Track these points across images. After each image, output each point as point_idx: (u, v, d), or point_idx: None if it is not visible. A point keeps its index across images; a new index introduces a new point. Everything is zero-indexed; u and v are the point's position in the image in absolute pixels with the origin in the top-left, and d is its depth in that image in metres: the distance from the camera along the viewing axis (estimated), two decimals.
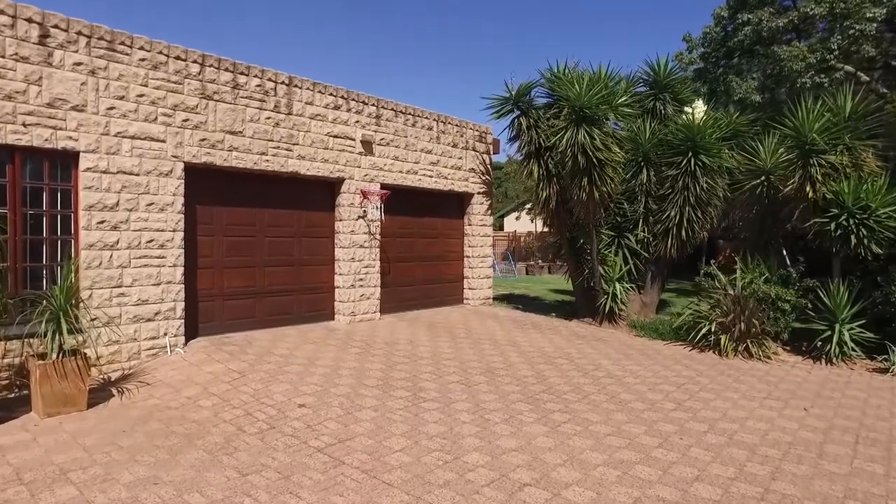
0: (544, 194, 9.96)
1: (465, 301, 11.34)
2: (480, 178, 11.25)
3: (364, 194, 8.98)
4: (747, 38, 12.56)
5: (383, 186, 9.33)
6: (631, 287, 10.07)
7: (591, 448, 4.45)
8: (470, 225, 11.23)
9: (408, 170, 9.78)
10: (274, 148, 7.88)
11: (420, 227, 10.50)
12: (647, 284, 10.52)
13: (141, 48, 6.45)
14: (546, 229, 25.46)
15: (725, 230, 14.53)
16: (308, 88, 8.30)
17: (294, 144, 8.12)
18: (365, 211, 9.01)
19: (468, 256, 11.25)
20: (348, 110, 8.83)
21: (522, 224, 27.39)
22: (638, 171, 10.01)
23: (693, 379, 6.62)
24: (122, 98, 6.29)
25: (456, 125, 10.75)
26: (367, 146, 9.12)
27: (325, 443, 4.45)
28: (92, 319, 5.87)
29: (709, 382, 6.48)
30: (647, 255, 10.14)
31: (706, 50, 14.42)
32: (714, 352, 8.00)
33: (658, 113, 10.60)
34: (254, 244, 8.05)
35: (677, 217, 9.60)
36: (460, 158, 10.81)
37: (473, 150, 11.11)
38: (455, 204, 11.19)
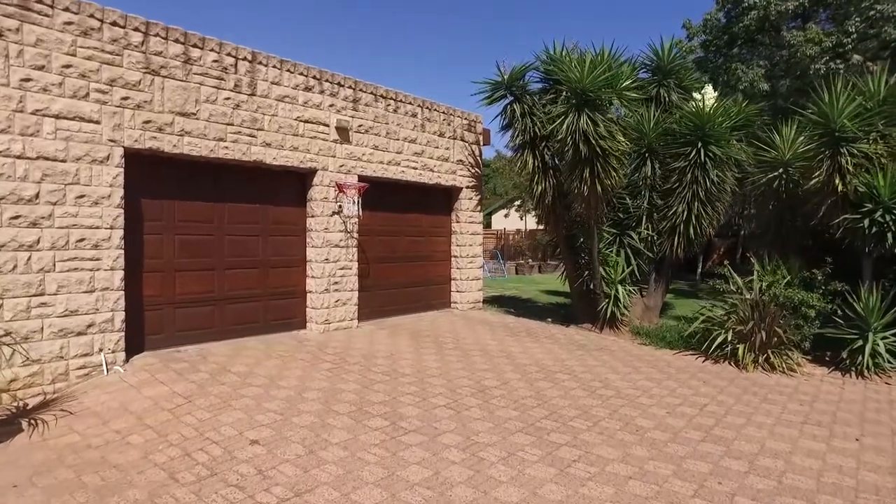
0: (539, 188, 9.07)
1: (452, 305, 10.42)
2: (469, 170, 10.33)
3: (339, 187, 8.01)
4: (753, 23, 11.80)
5: (361, 179, 8.36)
6: (633, 290, 9.23)
7: (613, 500, 3.55)
8: (458, 222, 10.30)
9: (389, 160, 8.82)
10: (234, 133, 6.87)
11: (403, 224, 9.55)
12: (650, 286, 9.69)
13: (66, 9, 5.40)
14: (540, 227, 24.58)
15: (723, 227, 13.82)
16: (275, 66, 7.29)
17: (258, 130, 7.11)
18: (340, 206, 8.03)
19: (456, 256, 10.33)
20: (321, 92, 7.84)
21: (511, 221, 26.58)
22: (641, 163, 9.17)
23: (715, 398, 5.77)
24: (41, 68, 5.25)
25: (443, 112, 9.81)
26: (343, 133, 8.14)
27: (277, 497, 3.49)
28: (2, 335, 4.85)
29: (734, 403, 5.64)
30: (650, 254, 9.31)
31: (707, 38, 13.66)
32: (731, 363, 7.18)
33: (662, 101, 9.76)
34: (212, 243, 7.04)
35: (685, 213, 8.78)
36: (447, 149, 9.87)
37: (462, 140, 10.17)
38: (442, 199, 10.26)
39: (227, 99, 6.79)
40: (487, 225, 33.57)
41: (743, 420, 5.11)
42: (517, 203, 25.35)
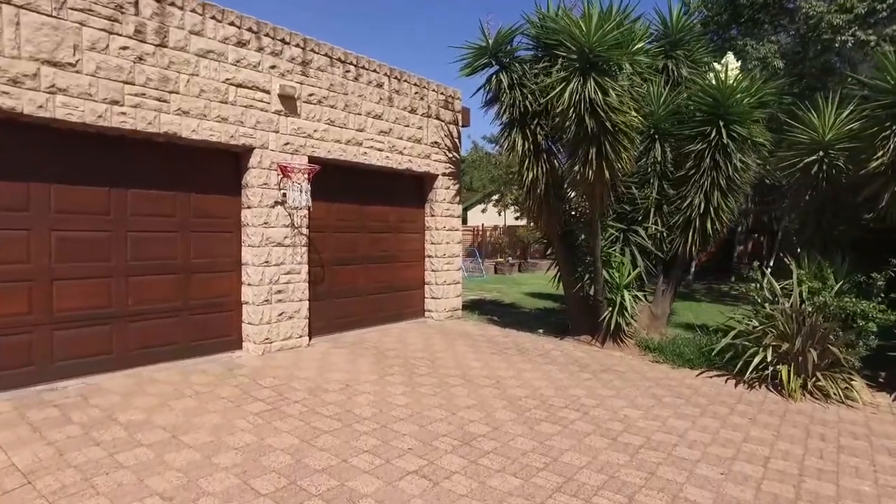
0: (531, 175, 7.56)
1: (426, 315, 8.86)
2: (446, 155, 8.77)
3: (283, 170, 6.35)
4: None
5: (312, 160, 6.72)
6: (640, 295, 7.82)
7: None
8: (433, 216, 8.74)
9: (348, 139, 7.19)
10: (136, 95, 5.16)
11: (367, 217, 7.94)
12: (657, 291, 8.30)
13: None
14: (521, 222, 23.17)
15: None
16: (195, 11, 5.59)
17: (171, 93, 5.41)
18: (285, 194, 6.38)
19: (431, 256, 8.76)
20: (259, 50, 6.17)
21: (489, 217, 25.17)
22: (649, 146, 7.75)
23: (774, 446, 4.36)
24: None
25: (414, 84, 8.21)
26: (289, 103, 6.48)
27: None
28: None
29: (802, 454, 4.23)
30: (659, 254, 7.91)
31: (708, 14, 12.42)
32: (770, 388, 5.82)
33: (671, 75, 8.37)
34: (108, 242, 5.32)
35: (702, 204, 7.40)
36: (420, 128, 8.29)
37: (437, 118, 8.60)
38: (413, 188, 8.68)
39: (125, 49, 5.07)
40: (464, 221, 32.10)
41: (831, 487, 3.69)
42: (495, 198, 23.92)
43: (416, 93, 8.19)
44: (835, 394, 5.47)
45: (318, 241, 7.17)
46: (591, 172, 6.33)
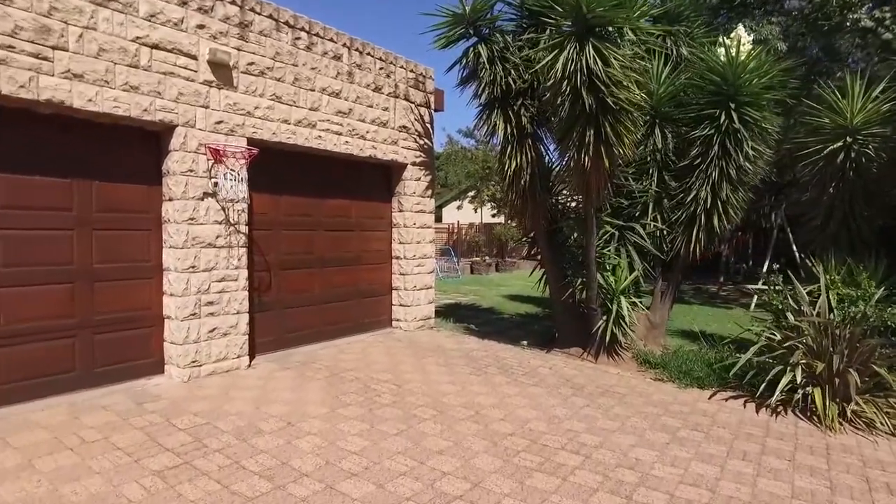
0: (514, 164, 6.53)
1: (394, 324, 7.75)
2: (416, 141, 7.67)
3: (215, 154, 5.17)
4: None
5: (253, 143, 5.56)
6: (638, 302, 6.87)
7: None
8: (401, 211, 7.63)
9: (299, 120, 6.04)
10: (3, 49, 3.93)
11: (324, 213, 6.80)
12: (655, 296, 7.36)
13: None
14: (499, 220, 22.13)
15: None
16: None
17: (56, 48, 4.19)
18: (217, 184, 5.20)
19: (399, 258, 7.66)
20: (183, 3, 4.97)
21: (464, 214, 24.16)
22: (649, 131, 6.79)
23: (833, 502, 3.41)
24: None
25: (380, 59, 7.08)
26: (223, 73, 5.30)
27: None
28: None
29: None
30: (659, 254, 6.96)
31: None
32: (799, 414, 4.91)
33: (670, 54, 7.42)
34: None
35: (709, 198, 6.48)
36: (386, 110, 7.17)
37: (406, 99, 7.49)
38: (379, 179, 7.56)
39: None
40: (438, 219, 31.00)
41: None
42: (471, 194, 22.90)
43: (381, 69, 7.07)
44: (881, 423, 4.57)
45: (264, 241, 6.00)
46: (587, 159, 5.32)
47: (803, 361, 4.93)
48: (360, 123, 6.77)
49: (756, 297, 11.19)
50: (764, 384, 5.04)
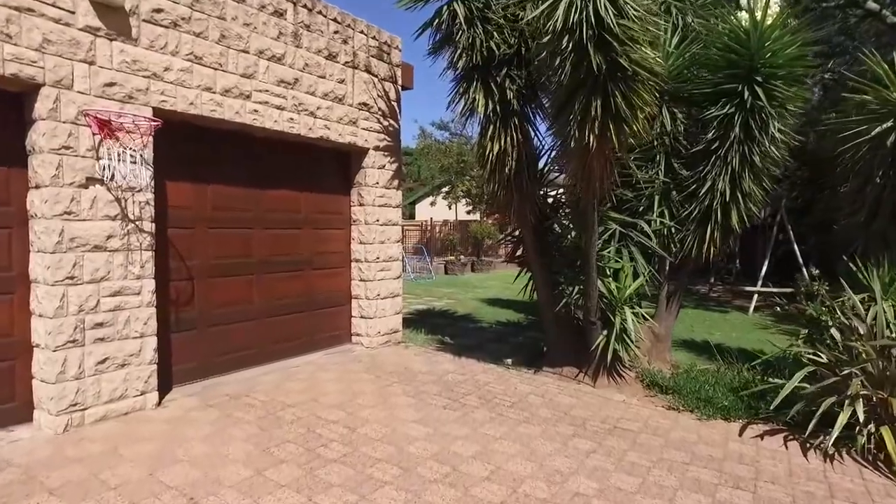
0: (496, 147, 5.40)
1: (354, 340, 6.54)
2: (380, 122, 6.46)
3: (105, 128, 3.87)
4: None
5: (162, 115, 4.26)
6: (644, 313, 5.81)
7: None
8: (362, 205, 6.41)
9: (227, 88, 4.76)
10: None
11: (265, 207, 5.54)
12: (660, 304, 6.32)
13: None
14: (484, 216, 20.92)
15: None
16: None
17: None
18: (108, 166, 3.90)
19: (360, 261, 6.44)
20: None
21: (438, 211, 23.00)
22: (655, 112, 5.71)
23: None
24: None
25: (334, 20, 5.84)
26: (116, 19, 3.99)
27: None
28: None
29: None
30: (666, 254, 5.91)
31: None
32: (858, 458, 3.91)
33: (675, 24, 6.36)
34: None
35: (727, 189, 5.46)
36: (342, 82, 5.94)
37: (367, 71, 6.27)
38: (334, 166, 6.32)
39: None
40: (411, 216, 29.72)
41: None
42: (445, 189, 21.75)
43: (336, 32, 5.83)
44: None
45: (183, 243, 4.73)
46: (591, 138, 4.19)
47: (863, 392, 3.93)
48: (310, 97, 5.53)
49: (756, 298, 10.39)
50: (814, 421, 4.01)
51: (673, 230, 5.93)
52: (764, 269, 10.38)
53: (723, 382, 5.22)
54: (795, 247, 10.12)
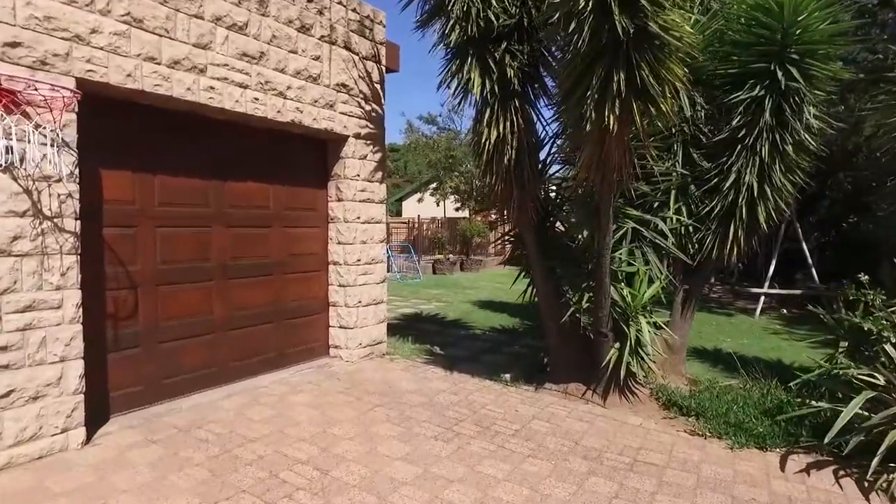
0: (495, 133, 4.70)
1: (332, 352, 5.80)
2: (362, 106, 5.72)
3: (6, 98, 3.08)
4: None
5: (89, 88, 3.49)
6: (659, 321, 5.15)
7: None
8: (341, 200, 5.66)
9: (176, 59, 3.98)
10: None
11: (226, 201, 4.77)
12: (675, 311, 5.68)
13: None
14: (462, 214, 20.20)
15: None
16: None
17: None
18: (11, 148, 3.11)
19: (338, 263, 5.70)
20: None
21: (426, 208, 22.26)
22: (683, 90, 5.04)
23: None
24: None
25: None
26: None
27: None
28: None
29: None
30: (683, 255, 5.24)
31: None
32: None
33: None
34: None
35: (754, 183, 4.82)
36: (317, 59, 5.18)
37: (347, 48, 5.52)
38: (309, 155, 5.56)
39: None
40: (398, 213, 28.93)
41: None
42: (433, 186, 21.01)
43: (309, 0, 5.07)
44: None
45: (124, 244, 3.95)
46: (612, 119, 3.50)
47: None
48: (279, 75, 4.77)
49: (762, 300, 9.76)
50: (878, 457, 3.38)
51: (691, 229, 5.29)
52: (771, 269, 9.81)
53: (751, 403, 4.59)
54: (804, 245, 9.57)
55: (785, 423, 4.12)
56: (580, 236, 4.68)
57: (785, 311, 10.12)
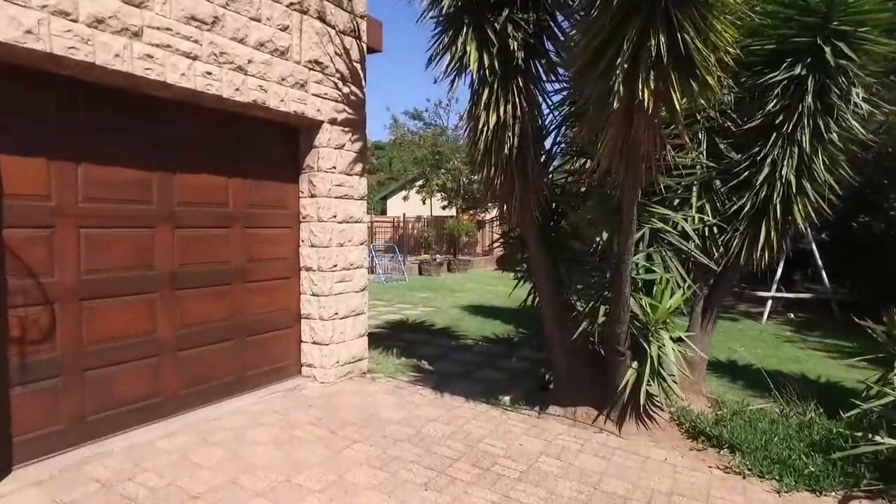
0: (494, 117, 3.99)
1: (305, 371, 5.03)
2: (339, 88, 4.95)
3: None
4: None
5: None
6: (682, 336, 4.48)
7: None
8: (314, 197, 4.90)
9: (100, 18, 3.18)
10: None
11: (174, 197, 3.98)
12: (693, 322, 5.03)
13: None
14: (449, 212, 19.43)
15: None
16: None
17: None
18: None
19: (311, 269, 4.93)
20: None
21: (412, 206, 21.49)
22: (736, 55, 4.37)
23: None
24: None
25: None
26: None
27: None
28: None
29: None
30: (706, 259, 4.57)
31: None
32: None
33: None
34: None
35: (792, 177, 4.18)
36: (285, 30, 4.41)
37: (321, 19, 4.75)
38: (276, 144, 4.79)
39: None
40: (383, 211, 28.08)
41: None
42: (419, 183, 20.25)
43: None
44: None
45: (34, 249, 3.16)
46: (646, 93, 2.80)
47: None
48: (237, 45, 4.00)
49: (769, 304, 9.18)
50: None
51: (715, 229, 4.64)
52: (779, 271, 9.26)
53: (794, 433, 3.94)
54: (814, 246, 9.03)
55: (840, 461, 3.48)
56: (599, 239, 3.97)
57: (792, 315, 9.59)
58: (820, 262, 9.18)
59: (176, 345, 3.96)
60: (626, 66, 2.84)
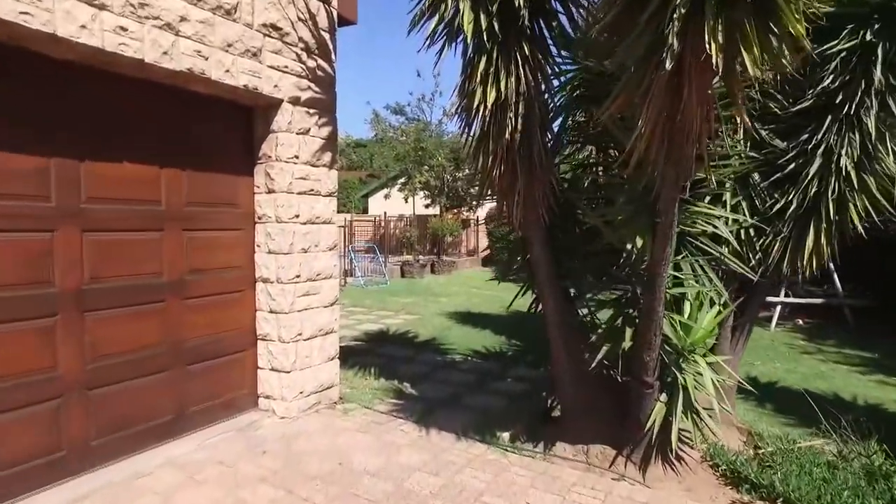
0: (493, 94, 3.18)
1: (262, 403, 4.17)
2: (302, 61, 4.09)
3: None
4: None
5: None
6: (719, 360, 3.73)
7: None
8: (273, 192, 4.03)
9: None
10: None
11: (87, 191, 3.08)
12: (722, 341, 4.29)
13: None
14: (434, 211, 18.57)
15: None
16: None
17: None
18: None
19: (268, 280, 4.06)
20: None
21: (394, 204, 20.60)
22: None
23: None
24: None
25: None
26: None
27: None
28: None
29: None
30: (742, 267, 3.81)
31: None
32: None
33: None
34: None
35: (851, 170, 3.47)
36: None
37: None
38: (225, 126, 3.91)
39: None
40: (364, 210, 27.11)
41: None
42: (401, 181, 19.37)
43: None
44: None
45: None
46: (714, 47, 2.02)
47: None
48: (175, 2, 3.12)
49: (778, 310, 8.57)
50: None
51: (752, 231, 3.90)
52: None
53: (863, 483, 3.22)
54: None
55: None
56: (632, 245, 3.18)
57: (800, 321, 8.98)
58: (832, 265, 8.57)
59: (86, 382, 3.08)
60: (682, 10, 2.06)
